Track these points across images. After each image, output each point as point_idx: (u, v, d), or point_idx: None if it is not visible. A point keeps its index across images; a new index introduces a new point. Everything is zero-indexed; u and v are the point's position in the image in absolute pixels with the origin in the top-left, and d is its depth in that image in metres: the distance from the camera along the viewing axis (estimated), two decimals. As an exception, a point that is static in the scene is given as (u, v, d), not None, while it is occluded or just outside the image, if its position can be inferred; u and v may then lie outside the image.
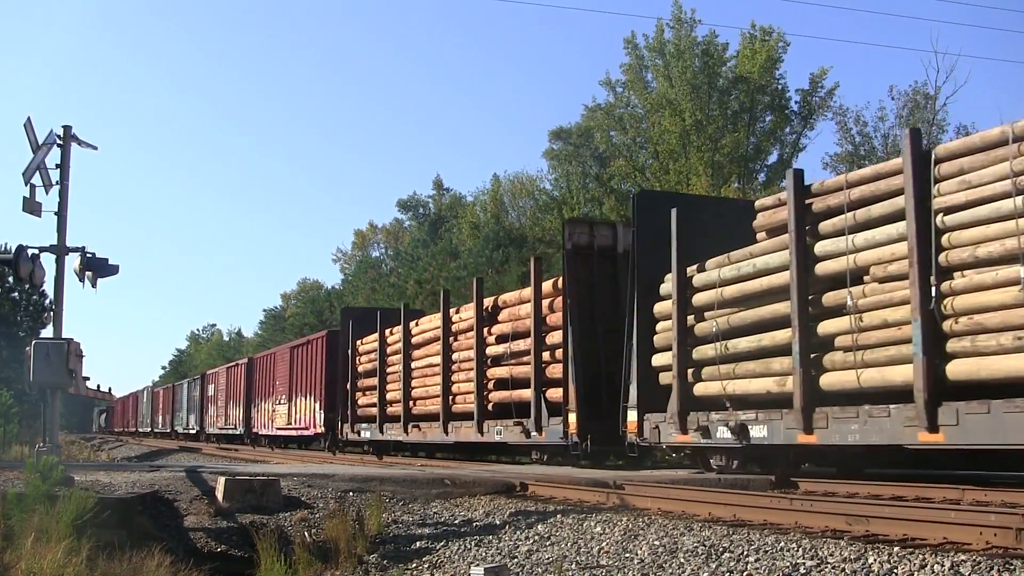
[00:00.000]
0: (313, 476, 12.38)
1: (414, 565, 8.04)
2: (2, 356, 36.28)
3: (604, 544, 7.58)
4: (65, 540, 7.43)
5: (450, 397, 19.59)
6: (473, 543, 8.32)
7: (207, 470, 13.74)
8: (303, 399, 29.65)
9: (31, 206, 11.75)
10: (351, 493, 11.06)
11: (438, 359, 20.14)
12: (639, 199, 15.00)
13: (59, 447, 12.01)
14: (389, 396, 23.05)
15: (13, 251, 11.74)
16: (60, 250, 12.09)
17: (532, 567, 7.29)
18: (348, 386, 25.70)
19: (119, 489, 10.78)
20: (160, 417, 59.99)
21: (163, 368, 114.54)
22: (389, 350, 23.30)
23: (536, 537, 8.22)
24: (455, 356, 19.61)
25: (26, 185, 11.72)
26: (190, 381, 51.44)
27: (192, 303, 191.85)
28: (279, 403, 32.32)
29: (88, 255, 12.26)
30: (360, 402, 25.30)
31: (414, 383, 21.72)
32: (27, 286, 18.11)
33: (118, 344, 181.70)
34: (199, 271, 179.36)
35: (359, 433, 25.08)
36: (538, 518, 9.05)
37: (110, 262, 12.41)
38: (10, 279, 35.48)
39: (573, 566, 7.10)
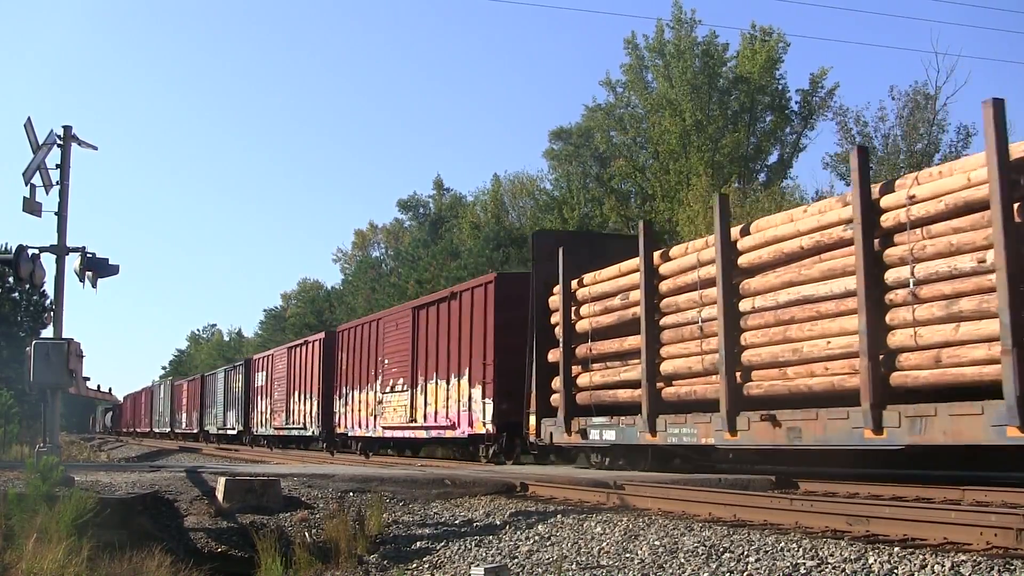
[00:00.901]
0: (313, 476, 12.39)
1: (414, 565, 8.05)
2: (2, 356, 36.30)
3: (604, 544, 7.59)
4: (66, 540, 7.44)
5: (879, 357, 10.20)
6: (473, 543, 8.33)
7: (207, 470, 13.75)
8: (443, 383, 20.02)
9: (31, 206, 11.77)
10: (351, 493, 11.06)
11: (836, 285, 10.93)
12: None
13: (59, 447, 12.01)
14: (669, 365, 13.48)
15: (13, 251, 11.76)
16: (60, 250, 12.10)
17: (532, 567, 7.29)
18: (556, 355, 15.88)
19: (119, 489, 10.79)
20: (183, 415, 51.17)
21: (163, 368, 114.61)
22: (668, 285, 13.62)
23: (536, 537, 8.23)
24: (897, 274, 10.16)
25: (26, 185, 11.74)
26: (228, 370, 41.84)
27: (192, 303, 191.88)
28: (391, 391, 22.74)
29: (88, 255, 12.27)
30: (583, 381, 15.35)
31: (752, 336, 12.14)
32: (27, 286, 18.10)
33: (118, 344, 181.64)
34: (199, 271, 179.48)
35: (585, 433, 15.05)
36: (538, 518, 9.05)
37: (110, 262, 12.44)
38: (10, 279, 35.47)
39: (573, 566, 7.10)
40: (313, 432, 28.70)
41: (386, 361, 23.36)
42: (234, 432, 39.16)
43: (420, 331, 21.53)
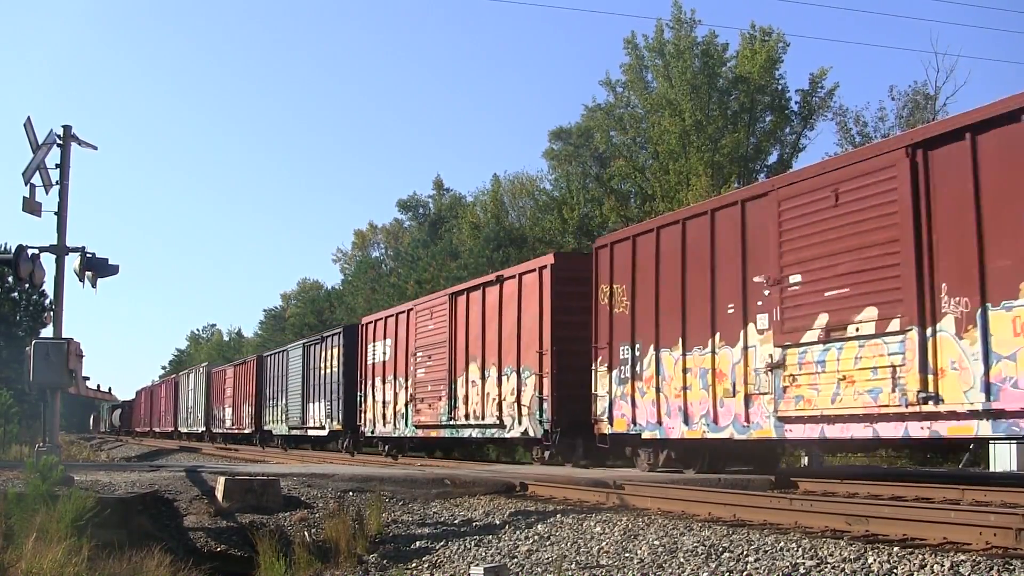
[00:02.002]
0: (313, 476, 12.38)
1: (414, 565, 8.05)
2: (2, 356, 36.26)
3: (604, 544, 7.59)
4: (65, 540, 7.44)
5: None
6: (473, 543, 8.33)
7: (207, 470, 13.74)
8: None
9: (31, 206, 11.78)
10: (351, 493, 11.07)
11: None
12: None
13: (59, 447, 12.01)
14: None
15: (13, 251, 11.76)
16: (60, 250, 12.10)
17: (532, 567, 7.29)
18: None
19: (119, 489, 10.79)
20: (226, 411, 39.61)
21: (163, 368, 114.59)
22: None
23: (536, 537, 8.22)
24: None
25: (26, 185, 11.76)
26: (312, 344, 29.26)
27: (192, 303, 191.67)
28: (830, 340, 11.07)
29: (88, 255, 12.29)
30: None
31: None
32: (27, 286, 18.11)
33: (118, 344, 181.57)
34: (199, 271, 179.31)
35: None
36: (538, 518, 9.05)
37: (110, 262, 12.45)
38: (10, 279, 35.46)
39: (573, 566, 7.10)
40: (530, 430, 16.59)
41: (794, 280, 11.68)
42: (324, 432, 27.27)
43: (941, 199, 10.06)
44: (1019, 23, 77.59)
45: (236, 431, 37.57)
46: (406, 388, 22.00)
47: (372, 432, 24.20)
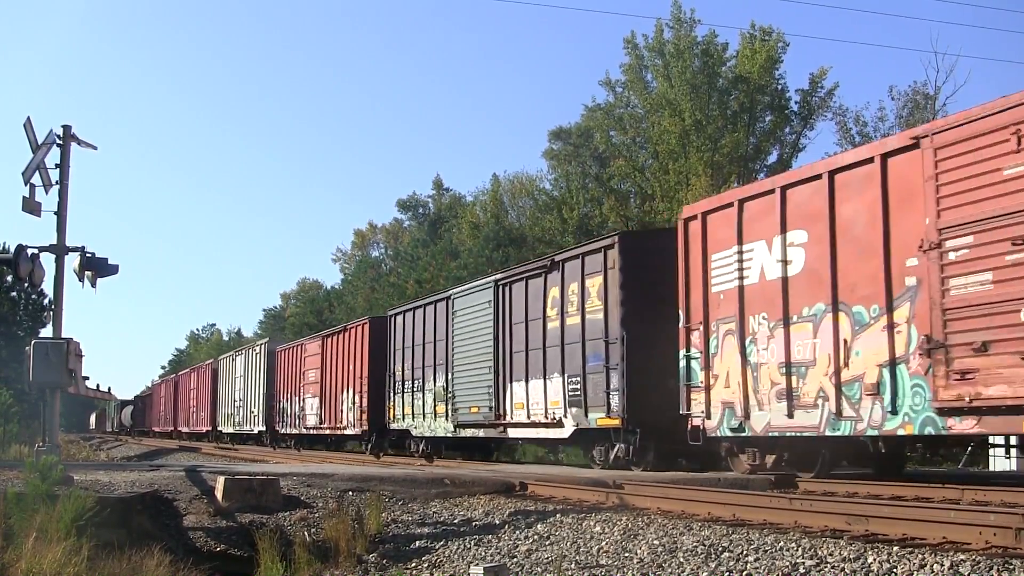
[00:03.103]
0: (312, 476, 12.38)
1: (413, 564, 8.04)
2: (2, 356, 36.24)
3: (603, 544, 7.58)
4: (65, 540, 7.43)
5: None
6: (472, 542, 8.32)
7: (206, 469, 13.74)
8: None
9: (31, 206, 11.77)
10: (350, 493, 11.06)
11: None
12: None
13: (58, 447, 12.01)
14: None
15: (13, 251, 11.76)
16: (60, 250, 12.10)
17: (531, 567, 7.29)
18: None
19: (118, 489, 10.78)
20: (304, 403, 28.67)
21: (163, 368, 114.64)
22: None
23: (535, 537, 8.22)
24: None
25: (26, 185, 11.74)
26: (513, 281, 17.29)
27: (192, 303, 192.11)
28: None
29: (88, 255, 12.28)
30: None
31: None
32: (27, 285, 18.09)
33: (118, 344, 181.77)
34: (199, 271, 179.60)
35: None
36: (537, 518, 9.05)
37: (110, 262, 12.44)
38: (10, 279, 35.43)
39: (572, 566, 7.09)
40: None
41: None
42: (563, 432, 15.63)
43: None
44: (1019, 23, 77.66)
45: (328, 431, 26.63)
46: (890, 331, 10.32)
47: (738, 427, 12.41)
